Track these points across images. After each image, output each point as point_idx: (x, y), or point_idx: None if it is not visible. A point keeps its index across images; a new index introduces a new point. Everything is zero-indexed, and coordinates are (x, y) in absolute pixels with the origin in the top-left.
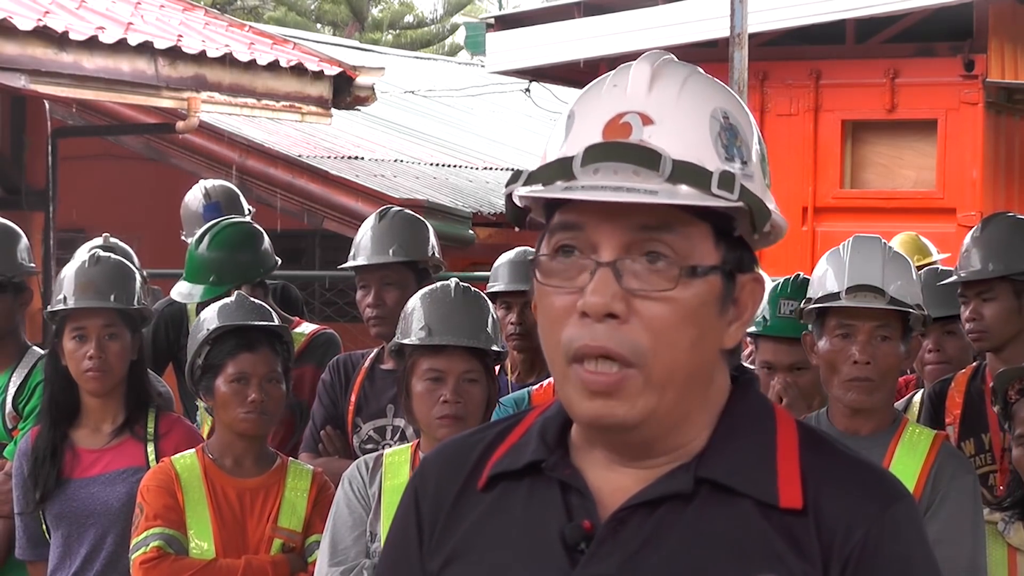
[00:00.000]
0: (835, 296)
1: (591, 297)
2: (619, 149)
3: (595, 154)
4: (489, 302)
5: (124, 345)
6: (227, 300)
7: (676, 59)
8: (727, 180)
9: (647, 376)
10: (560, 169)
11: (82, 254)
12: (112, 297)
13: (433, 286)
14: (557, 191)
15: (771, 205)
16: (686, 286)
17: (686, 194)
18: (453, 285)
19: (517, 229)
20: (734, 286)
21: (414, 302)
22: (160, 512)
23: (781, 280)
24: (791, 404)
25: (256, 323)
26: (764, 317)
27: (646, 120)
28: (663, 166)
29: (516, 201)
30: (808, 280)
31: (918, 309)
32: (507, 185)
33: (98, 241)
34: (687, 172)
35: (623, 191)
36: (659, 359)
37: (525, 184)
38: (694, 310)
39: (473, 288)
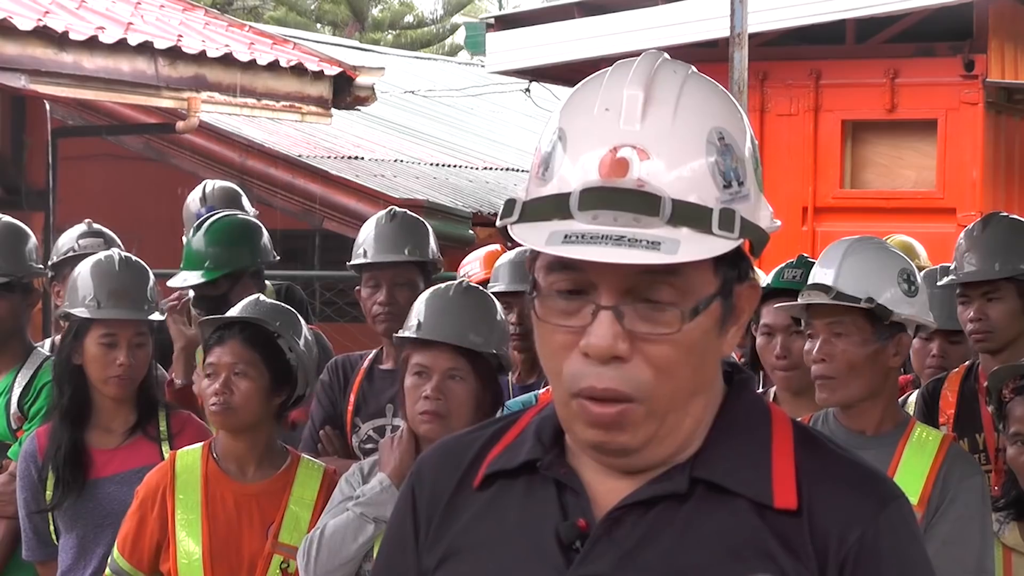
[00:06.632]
0: (795, 295)
1: (595, 340)
2: (618, 195)
3: (593, 200)
4: (498, 306)
5: (148, 352)
6: (244, 300)
7: (668, 63)
8: (728, 219)
9: (649, 408)
10: (555, 207)
11: (65, 242)
12: (145, 307)
13: (443, 284)
14: (558, 247)
15: (765, 213)
16: (690, 326)
17: (687, 237)
18: (455, 284)
19: (509, 244)
20: (732, 300)
21: (421, 298)
22: (131, 533)
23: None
24: (792, 365)
25: (234, 317)
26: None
27: (642, 155)
28: (663, 209)
29: (513, 236)
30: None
31: (869, 303)
32: (501, 218)
33: (82, 227)
34: (687, 213)
35: (624, 244)
36: (662, 391)
37: (521, 220)
38: (697, 342)
39: (480, 290)
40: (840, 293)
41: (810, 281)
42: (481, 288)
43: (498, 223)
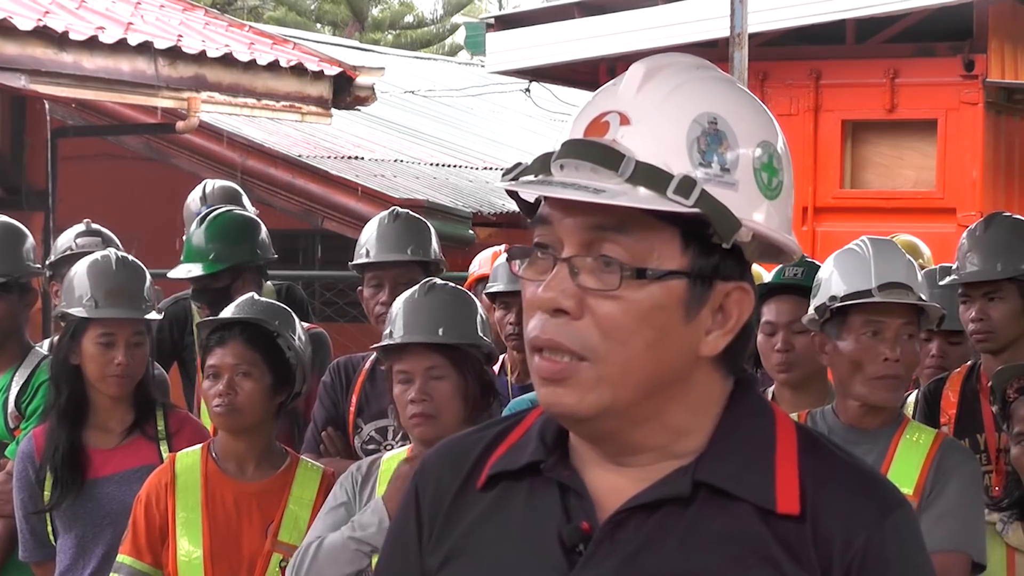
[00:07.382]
0: (867, 293)
1: (543, 292)
2: (585, 147)
3: (566, 150)
4: (472, 298)
5: (145, 351)
6: (238, 300)
7: (698, 61)
8: (685, 185)
9: (600, 371)
10: (541, 163)
11: (63, 242)
12: (143, 306)
13: (410, 289)
14: (517, 184)
15: (761, 216)
16: (636, 287)
17: (642, 196)
18: (420, 285)
19: (529, 220)
20: (709, 293)
21: (393, 307)
22: (138, 535)
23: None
24: (793, 362)
25: (234, 318)
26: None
27: (624, 120)
28: (624, 167)
29: (498, 183)
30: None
31: (940, 307)
32: (503, 176)
33: (80, 227)
34: (647, 174)
35: (571, 188)
36: (612, 356)
37: (518, 176)
38: (647, 312)
39: (449, 285)
40: (921, 296)
41: (879, 280)
42: (450, 284)
43: (500, 181)
